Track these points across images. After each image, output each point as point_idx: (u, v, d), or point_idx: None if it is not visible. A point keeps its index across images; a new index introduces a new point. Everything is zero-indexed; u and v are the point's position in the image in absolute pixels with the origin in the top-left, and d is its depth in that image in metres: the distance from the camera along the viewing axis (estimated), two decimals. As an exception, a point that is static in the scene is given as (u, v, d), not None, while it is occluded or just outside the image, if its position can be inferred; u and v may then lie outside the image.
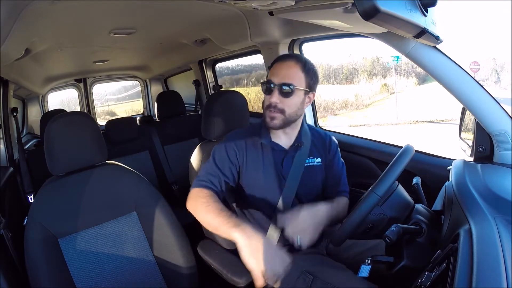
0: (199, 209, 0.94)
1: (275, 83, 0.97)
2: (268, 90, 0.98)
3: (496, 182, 0.82)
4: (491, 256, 0.54)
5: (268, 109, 0.98)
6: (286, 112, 0.98)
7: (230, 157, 1.03)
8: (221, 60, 2.37)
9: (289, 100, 0.97)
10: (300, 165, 1.04)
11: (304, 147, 1.05)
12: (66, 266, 1.00)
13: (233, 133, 1.09)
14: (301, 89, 0.98)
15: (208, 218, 0.91)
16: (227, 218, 0.86)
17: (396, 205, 0.82)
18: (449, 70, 0.91)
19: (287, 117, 0.99)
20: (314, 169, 1.07)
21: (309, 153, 1.07)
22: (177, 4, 1.17)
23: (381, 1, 0.55)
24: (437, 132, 8.57)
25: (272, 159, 1.04)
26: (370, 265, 0.79)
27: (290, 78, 0.97)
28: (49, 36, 1.36)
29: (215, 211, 0.90)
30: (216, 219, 0.88)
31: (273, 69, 1.00)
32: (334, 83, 16.33)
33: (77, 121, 1.09)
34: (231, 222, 0.85)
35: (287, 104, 0.98)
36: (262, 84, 1.00)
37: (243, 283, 0.94)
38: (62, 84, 3.04)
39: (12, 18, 0.90)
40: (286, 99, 0.97)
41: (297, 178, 1.03)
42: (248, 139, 1.06)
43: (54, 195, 1.04)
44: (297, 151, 1.05)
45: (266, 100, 0.99)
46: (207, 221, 0.92)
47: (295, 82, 0.97)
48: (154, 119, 2.59)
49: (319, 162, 1.08)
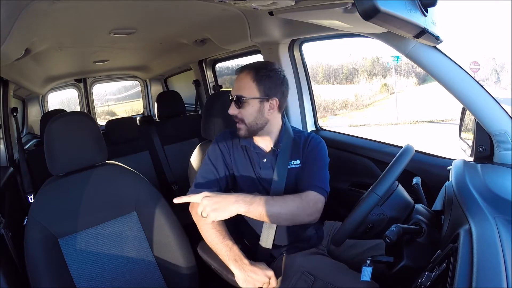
0: (202, 228, 1.00)
1: (232, 95, 1.02)
2: (229, 102, 1.03)
3: (496, 182, 0.82)
4: (491, 256, 0.54)
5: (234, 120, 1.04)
6: (246, 121, 1.01)
7: (224, 154, 1.07)
8: (221, 60, 2.37)
9: (244, 110, 1.00)
10: (282, 168, 1.04)
11: (282, 150, 1.05)
12: (66, 266, 1.00)
13: (221, 133, 1.12)
14: (253, 98, 0.99)
15: (209, 239, 0.98)
16: (228, 250, 0.94)
17: (396, 205, 0.82)
18: (449, 70, 0.91)
19: (249, 126, 1.01)
20: (294, 172, 1.05)
21: (290, 156, 1.06)
22: (177, 4, 1.17)
23: (381, 1, 0.55)
24: (437, 132, 8.57)
25: (251, 160, 1.07)
26: (371, 267, 0.79)
27: (241, 90, 1.00)
28: (49, 36, 1.36)
29: (219, 237, 0.96)
30: (218, 246, 0.95)
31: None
32: (334, 83, 16.35)
33: (77, 121, 1.09)
34: (231, 255, 0.92)
35: (244, 114, 1.01)
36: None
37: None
38: (62, 84, 3.04)
39: (12, 18, 0.90)
40: (242, 109, 1.01)
41: (281, 182, 1.03)
42: (234, 140, 1.09)
43: (54, 195, 1.04)
44: (277, 154, 1.05)
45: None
46: (208, 241, 0.99)
47: (244, 93, 0.99)
48: (154, 119, 2.59)
49: (298, 164, 1.06)
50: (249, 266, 0.90)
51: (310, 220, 0.96)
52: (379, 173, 1.10)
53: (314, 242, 1.09)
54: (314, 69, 16.37)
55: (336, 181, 1.22)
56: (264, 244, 1.03)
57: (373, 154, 1.36)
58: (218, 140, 1.09)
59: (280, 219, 0.93)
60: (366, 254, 1.02)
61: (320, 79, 16.48)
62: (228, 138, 1.09)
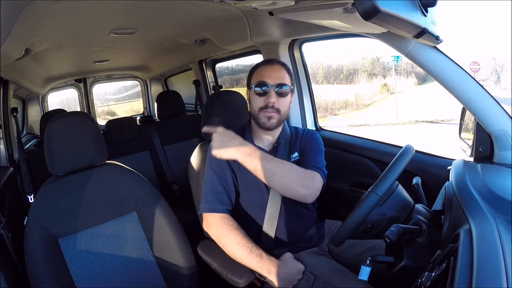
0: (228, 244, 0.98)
1: (270, 84, 1.00)
2: (262, 91, 1.01)
3: (496, 182, 0.82)
4: (491, 256, 0.54)
5: (263, 110, 1.01)
6: (281, 111, 1.02)
7: (228, 160, 1.03)
8: (221, 60, 2.37)
9: (284, 100, 1.02)
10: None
11: (283, 146, 1.07)
12: (66, 266, 1.00)
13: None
14: (290, 88, 1.03)
15: (237, 256, 0.96)
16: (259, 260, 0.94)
17: (396, 205, 0.82)
18: (449, 70, 0.91)
19: (282, 117, 1.03)
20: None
21: (290, 150, 1.09)
22: (177, 4, 1.17)
23: (381, 1, 0.55)
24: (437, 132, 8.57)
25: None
26: (370, 267, 0.79)
27: (282, 79, 1.01)
28: (49, 36, 1.36)
29: (245, 251, 0.95)
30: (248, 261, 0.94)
31: (261, 72, 1.03)
32: (334, 83, 16.35)
33: (77, 121, 1.09)
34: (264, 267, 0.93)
35: (282, 104, 1.02)
36: (255, 87, 1.02)
37: (243, 283, 0.94)
38: (62, 84, 3.04)
39: (12, 18, 0.90)
40: (282, 99, 1.01)
41: None
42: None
43: (54, 195, 1.04)
44: (277, 151, 1.06)
45: (259, 102, 1.02)
46: (237, 258, 0.97)
47: (287, 82, 1.02)
48: (154, 119, 2.59)
49: (297, 157, 1.09)
50: (283, 268, 0.92)
51: (305, 194, 0.96)
52: (379, 173, 1.10)
53: (315, 241, 1.10)
54: (314, 69, 16.38)
55: (336, 181, 1.22)
56: (266, 237, 1.03)
57: (373, 154, 1.36)
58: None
59: (274, 179, 0.93)
60: (366, 254, 1.02)
61: (320, 79, 16.49)
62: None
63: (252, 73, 1.06)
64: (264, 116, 1.01)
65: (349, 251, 1.06)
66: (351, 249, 1.06)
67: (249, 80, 1.07)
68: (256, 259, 0.94)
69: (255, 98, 1.03)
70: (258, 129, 1.06)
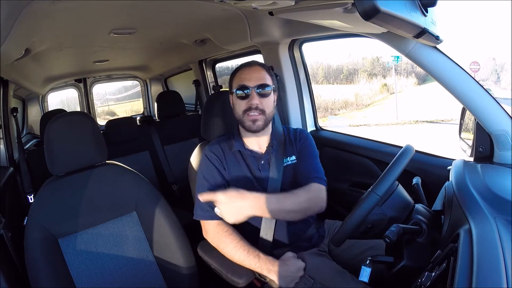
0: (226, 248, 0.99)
1: (251, 86, 1.00)
2: (244, 94, 1.01)
3: (496, 182, 0.82)
4: (491, 256, 0.54)
5: (247, 113, 1.01)
6: (266, 112, 1.02)
7: (218, 168, 1.05)
8: (221, 60, 2.37)
9: (267, 100, 1.02)
10: (278, 165, 1.06)
11: (277, 147, 1.07)
12: (66, 266, 1.00)
13: (209, 146, 1.10)
14: (272, 88, 1.04)
15: (236, 258, 0.98)
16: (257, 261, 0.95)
17: (396, 205, 0.82)
18: (449, 70, 0.91)
19: (267, 117, 1.03)
20: (290, 168, 1.09)
21: (285, 153, 1.09)
22: (177, 4, 1.17)
23: (381, 1, 0.55)
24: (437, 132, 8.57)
25: (249, 165, 1.07)
26: (370, 267, 0.79)
27: (262, 79, 1.02)
28: (49, 36, 1.36)
29: (243, 253, 0.97)
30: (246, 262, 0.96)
31: (241, 75, 1.03)
32: (334, 83, 16.35)
33: (77, 121, 1.09)
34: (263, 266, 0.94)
35: (266, 104, 1.02)
36: (237, 90, 1.02)
37: (243, 283, 0.94)
38: (62, 84, 3.04)
39: (12, 18, 0.90)
40: (265, 99, 1.02)
41: (278, 180, 1.05)
42: (224, 149, 1.08)
43: (54, 195, 1.04)
44: (272, 153, 1.07)
45: (242, 105, 1.02)
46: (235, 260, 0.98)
47: (269, 83, 1.02)
48: (154, 119, 2.59)
49: (294, 160, 1.10)
50: (283, 267, 0.93)
51: (319, 210, 1.01)
52: (379, 173, 1.10)
53: (315, 241, 1.10)
54: (314, 69, 16.38)
55: (336, 181, 1.22)
56: (265, 238, 1.03)
57: (373, 154, 1.36)
58: (208, 155, 1.07)
59: (294, 214, 0.98)
60: (366, 254, 1.02)
61: (320, 79, 16.49)
62: (218, 149, 1.08)
63: (233, 77, 1.06)
64: (248, 119, 1.02)
65: (349, 251, 1.06)
66: (351, 249, 1.06)
67: (230, 85, 1.07)
68: (254, 260, 0.95)
69: (237, 102, 1.03)
70: (246, 132, 1.06)
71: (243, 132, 1.08)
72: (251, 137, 1.08)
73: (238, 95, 1.02)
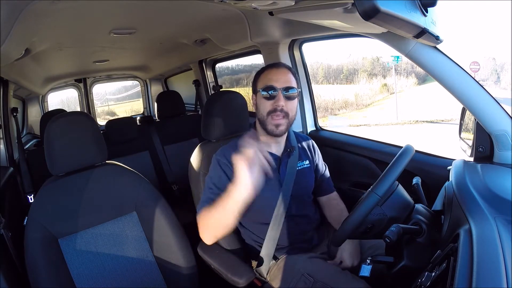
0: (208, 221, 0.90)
1: (278, 87, 0.98)
2: (270, 95, 0.99)
3: (496, 182, 0.82)
4: (491, 256, 0.54)
5: (271, 115, 0.98)
6: (290, 115, 1.00)
7: (226, 173, 1.00)
8: (221, 60, 2.37)
9: (292, 103, 1.00)
10: (293, 169, 1.06)
11: (295, 151, 1.08)
12: (66, 266, 1.00)
13: (220, 151, 1.06)
14: (299, 92, 1.03)
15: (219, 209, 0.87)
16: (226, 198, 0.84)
17: (396, 205, 0.82)
18: (449, 70, 0.91)
19: (290, 121, 1.01)
20: (305, 172, 1.10)
21: (299, 157, 1.10)
22: (177, 4, 1.16)
23: (381, 1, 0.55)
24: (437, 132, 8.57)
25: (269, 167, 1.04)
26: (371, 265, 0.79)
27: (290, 82, 1.00)
28: (49, 36, 1.35)
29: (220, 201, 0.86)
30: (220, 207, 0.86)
31: (267, 75, 1.01)
32: (334, 83, 16.35)
33: (77, 121, 1.09)
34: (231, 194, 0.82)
35: (290, 107, 1.00)
36: (263, 90, 0.99)
37: (243, 283, 0.94)
38: (62, 84, 3.04)
39: (12, 18, 0.90)
40: (290, 102, 0.99)
41: (291, 182, 1.05)
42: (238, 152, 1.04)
43: (54, 195, 1.04)
44: (290, 156, 1.07)
45: (267, 106, 0.99)
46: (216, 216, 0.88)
47: (295, 86, 1.01)
48: (154, 119, 2.59)
49: (308, 164, 1.11)
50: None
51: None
52: (379, 173, 1.10)
53: (315, 242, 1.09)
54: (314, 69, 16.37)
55: (336, 181, 1.23)
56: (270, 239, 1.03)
57: (373, 154, 1.36)
58: (219, 161, 1.03)
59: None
60: (366, 254, 1.02)
61: (320, 79, 16.48)
62: (229, 153, 1.01)
63: (258, 77, 1.04)
64: (272, 123, 0.99)
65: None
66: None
67: (255, 84, 1.04)
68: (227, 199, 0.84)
69: (262, 102, 1.00)
70: (264, 134, 1.04)
71: (261, 134, 1.06)
72: (269, 140, 1.06)
73: (264, 96, 0.99)
